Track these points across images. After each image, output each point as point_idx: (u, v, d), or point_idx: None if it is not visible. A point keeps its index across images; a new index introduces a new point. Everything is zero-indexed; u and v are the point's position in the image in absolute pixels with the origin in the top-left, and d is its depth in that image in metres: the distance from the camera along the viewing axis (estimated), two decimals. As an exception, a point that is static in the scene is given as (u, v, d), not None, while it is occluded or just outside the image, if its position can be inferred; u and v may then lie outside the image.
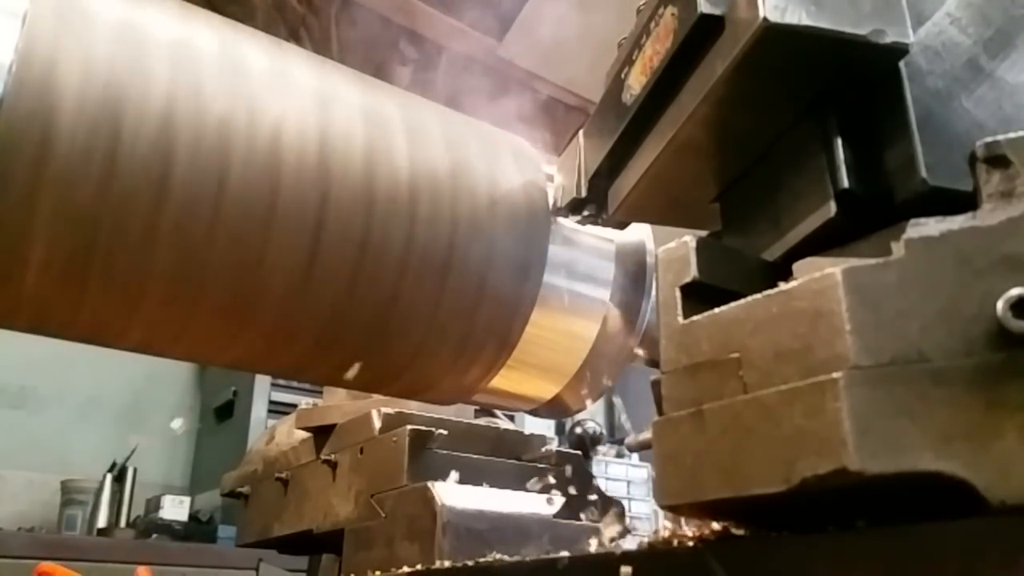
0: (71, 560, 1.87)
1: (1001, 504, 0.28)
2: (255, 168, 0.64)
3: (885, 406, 0.30)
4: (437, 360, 0.79)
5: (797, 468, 0.31)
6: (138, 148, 0.60)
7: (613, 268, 0.85)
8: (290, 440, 1.05)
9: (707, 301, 0.40)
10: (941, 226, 0.32)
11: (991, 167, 0.34)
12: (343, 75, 0.77)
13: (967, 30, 0.42)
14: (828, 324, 0.32)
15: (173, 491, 2.74)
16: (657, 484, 0.38)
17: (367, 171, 0.70)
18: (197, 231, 0.63)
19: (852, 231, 0.40)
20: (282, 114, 0.67)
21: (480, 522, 0.68)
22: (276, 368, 0.84)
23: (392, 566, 0.68)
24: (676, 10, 0.47)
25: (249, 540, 1.07)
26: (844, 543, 0.32)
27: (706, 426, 0.36)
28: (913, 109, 0.39)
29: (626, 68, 0.55)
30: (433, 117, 0.79)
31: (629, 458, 3.47)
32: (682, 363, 0.39)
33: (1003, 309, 0.30)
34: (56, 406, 2.86)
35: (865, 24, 0.39)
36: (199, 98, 0.63)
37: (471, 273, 0.75)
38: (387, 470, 0.77)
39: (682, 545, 0.39)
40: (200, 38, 0.67)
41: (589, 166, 0.66)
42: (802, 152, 0.44)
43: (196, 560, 2.31)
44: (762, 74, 0.43)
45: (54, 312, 0.65)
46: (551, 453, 0.85)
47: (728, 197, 0.53)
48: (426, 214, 0.73)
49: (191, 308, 0.67)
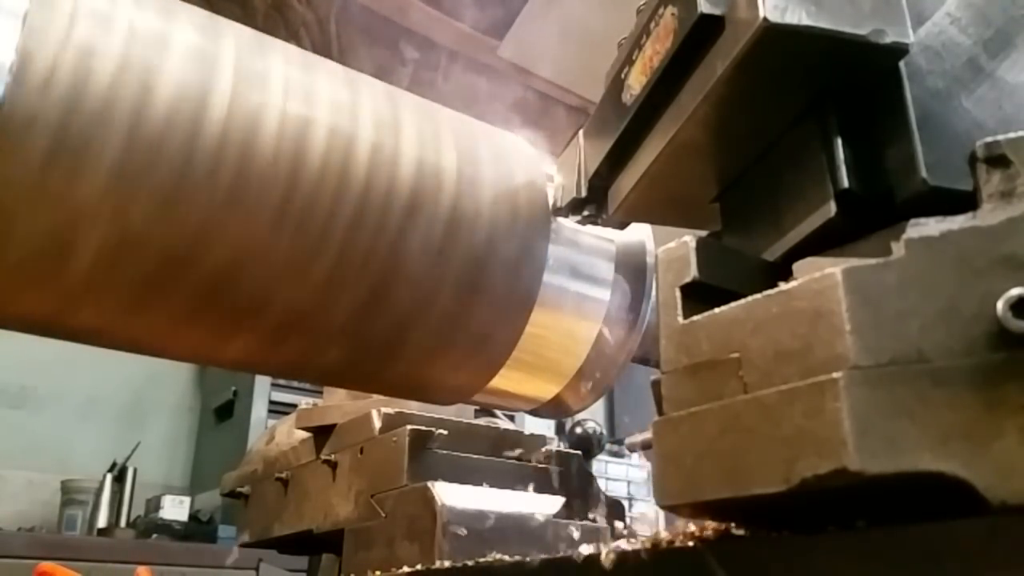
0: (71, 560, 1.87)
1: (1001, 504, 0.28)
2: (261, 167, 0.64)
3: (885, 406, 0.30)
4: (437, 360, 0.79)
5: (797, 468, 0.31)
6: (142, 147, 0.60)
7: (613, 268, 0.85)
8: (290, 440, 1.05)
9: (707, 301, 0.40)
10: (941, 226, 0.32)
11: (991, 167, 0.34)
12: (344, 75, 0.77)
13: (967, 30, 0.42)
14: (828, 324, 0.32)
15: (173, 491, 2.74)
16: (657, 484, 0.38)
17: (370, 171, 0.70)
18: (206, 229, 0.63)
19: (852, 231, 0.40)
20: (283, 113, 0.67)
21: (480, 522, 0.68)
22: (276, 367, 0.84)
23: (392, 566, 0.68)
24: (676, 10, 0.47)
25: (249, 540, 1.07)
26: (844, 543, 0.32)
27: (706, 426, 0.36)
28: (913, 109, 0.39)
29: (626, 68, 0.55)
30: (434, 117, 0.79)
31: (629, 458, 3.47)
32: (682, 363, 0.39)
33: (1003, 309, 0.30)
34: (56, 406, 2.86)
35: (865, 24, 0.39)
36: (207, 96, 0.63)
37: (471, 273, 0.75)
38: (387, 470, 0.77)
39: (682, 545, 0.39)
40: (208, 37, 0.66)
41: (589, 166, 0.66)
42: (802, 152, 0.44)
43: (196, 560, 2.31)
44: (762, 74, 0.43)
45: (53, 309, 0.65)
46: (551, 453, 0.85)
47: (728, 197, 0.53)
48: (427, 214, 0.73)
49: (192, 310, 0.67)
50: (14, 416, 2.78)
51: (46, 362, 2.70)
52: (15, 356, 2.59)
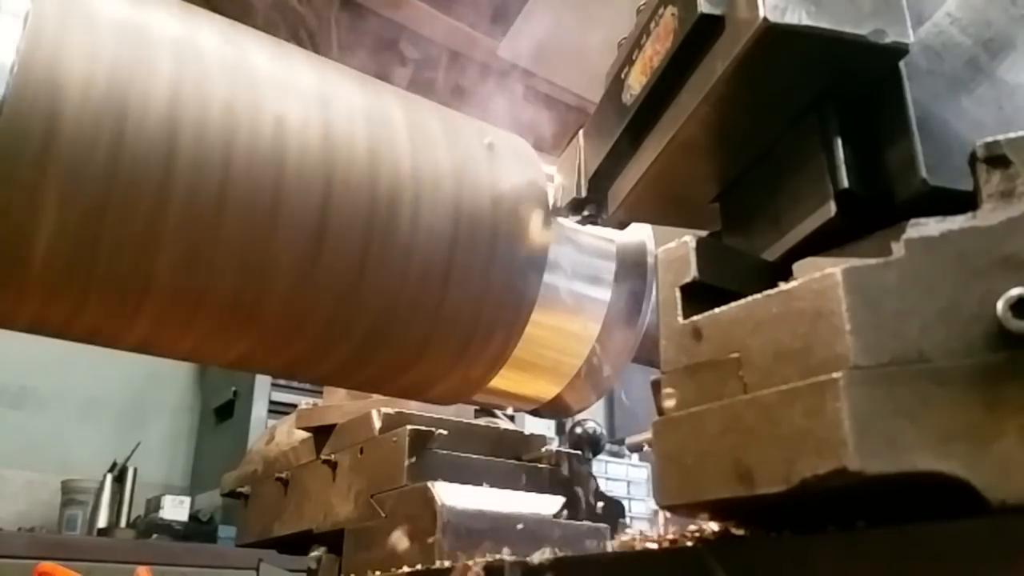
0: (71, 560, 1.87)
1: (1001, 504, 0.28)
2: (258, 167, 0.65)
3: (885, 406, 0.30)
4: (437, 360, 0.79)
5: (797, 468, 0.31)
6: (141, 146, 0.60)
7: (614, 268, 0.85)
8: (290, 440, 1.05)
9: (707, 301, 0.40)
10: (941, 226, 0.32)
11: (991, 167, 0.34)
12: (345, 75, 0.77)
13: (967, 30, 0.42)
14: (828, 324, 0.32)
15: (173, 491, 2.74)
16: (657, 484, 0.38)
17: (370, 171, 0.70)
18: (201, 227, 0.63)
19: (852, 231, 0.40)
20: (284, 113, 0.67)
21: (480, 522, 0.68)
22: (276, 367, 0.84)
23: (392, 566, 0.68)
24: (676, 10, 0.47)
25: (249, 540, 1.07)
26: (844, 543, 0.32)
27: (706, 426, 0.36)
28: (913, 109, 0.39)
29: (626, 68, 0.55)
30: (434, 117, 0.79)
31: (629, 458, 3.48)
32: (682, 363, 0.39)
33: (1003, 309, 0.30)
34: (56, 406, 2.86)
35: (865, 24, 0.39)
36: (202, 96, 0.63)
37: (472, 273, 0.75)
38: (387, 470, 0.77)
39: (682, 545, 0.39)
40: (203, 36, 0.67)
41: (589, 166, 0.66)
42: (802, 152, 0.44)
43: (196, 560, 2.31)
44: (762, 74, 0.43)
45: (57, 309, 0.65)
46: (551, 453, 0.85)
47: (728, 197, 0.53)
48: (428, 214, 0.73)
49: (194, 304, 0.67)
50: (14, 416, 2.78)
51: (46, 362, 2.69)
52: (15, 356, 2.59)
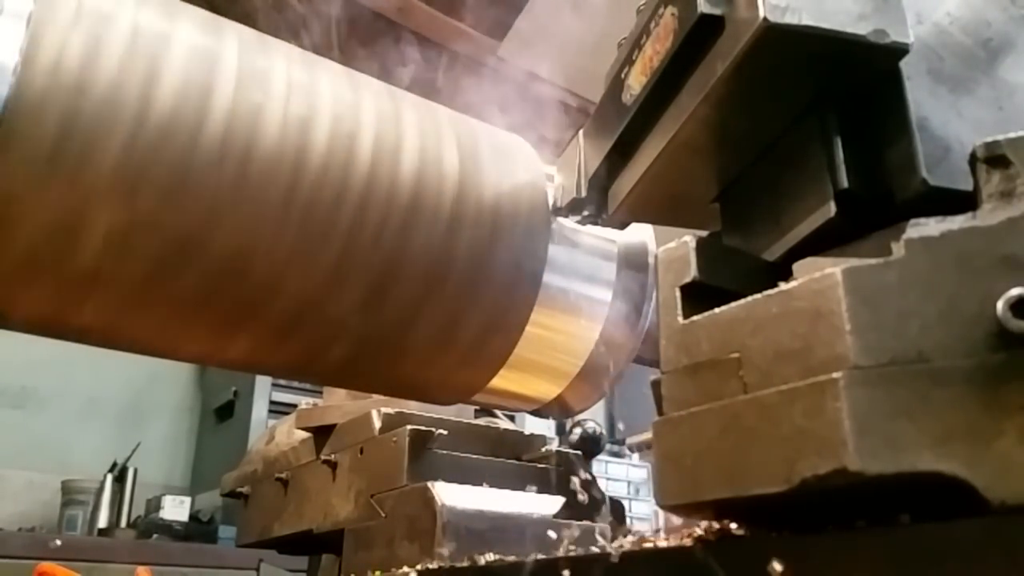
0: (71, 560, 1.87)
1: (1001, 504, 0.28)
2: (262, 168, 0.64)
3: (885, 406, 0.30)
4: (438, 360, 0.79)
5: (797, 468, 0.31)
6: (145, 147, 0.60)
7: (615, 268, 0.85)
8: (290, 440, 1.05)
9: (707, 301, 0.40)
10: (941, 226, 0.32)
11: (991, 167, 0.34)
12: (349, 75, 0.77)
13: (967, 30, 0.42)
14: (828, 324, 0.32)
15: (173, 491, 2.74)
16: (657, 484, 0.38)
17: (372, 168, 0.70)
18: (211, 218, 0.63)
19: (852, 231, 0.40)
20: (285, 112, 0.67)
21: (480, 522, 0.68)
22: (279, 367, 0.84)
23: (392, 566, 0.68)
24: (676, 10, 0.47)
25: (249, 540, 1.07)
26: (844, 543, 0.32)
27: (706, 426, 0.36)
28: (913, 109, 0.39)
29: (626, 68, 0.55)
30: (435, 116, 0.79)
31: (629, 458, 3.48)
32: (682, 363, 0.39)
33: (1003, 309, 0.30)
34: (56, 406, 2.86)
35: (865, 24, 0.39)
36: (208, 97, 0.63)
37: (472, 273, 0.75)
38: (387, 470, 0.77)
39: (682, 545, 0.39)
40: (211, 39, 0.67)
41: (589, 166, 0.66)
42: (802, 152, 0.44)
43: (196, 560, 2.31)
44: (762, 74, 0.43)
45: (59, 312, 0.65)
46: (551, 453, 0.85)
47: (728, 197, 0.53)
48: (429, 211, 0.73)
49: (196, 304, 0.67)
50: (14, 416, 2.78)
51: (46, 362, 2.70)
52: (15, 356, 2.59)
